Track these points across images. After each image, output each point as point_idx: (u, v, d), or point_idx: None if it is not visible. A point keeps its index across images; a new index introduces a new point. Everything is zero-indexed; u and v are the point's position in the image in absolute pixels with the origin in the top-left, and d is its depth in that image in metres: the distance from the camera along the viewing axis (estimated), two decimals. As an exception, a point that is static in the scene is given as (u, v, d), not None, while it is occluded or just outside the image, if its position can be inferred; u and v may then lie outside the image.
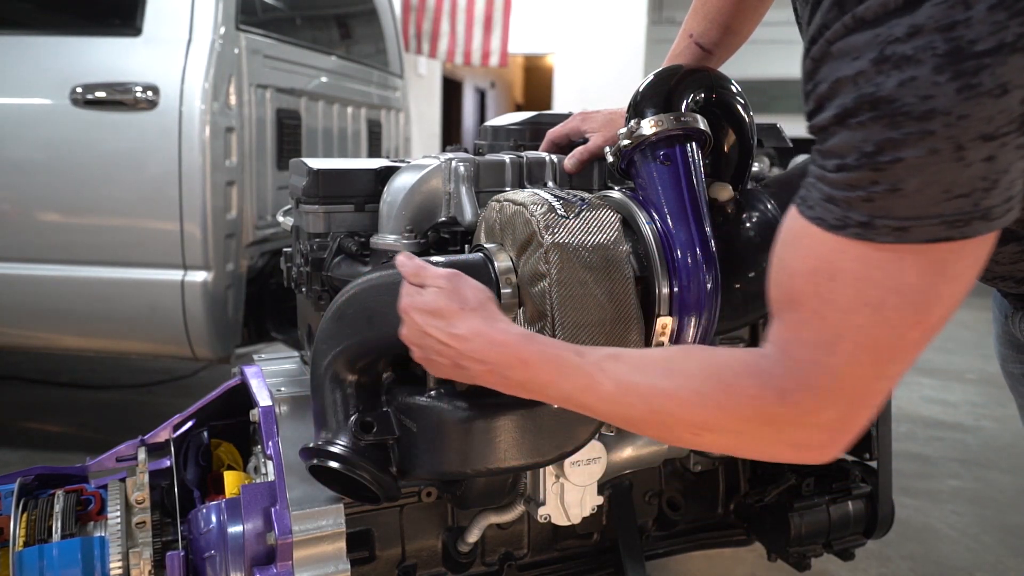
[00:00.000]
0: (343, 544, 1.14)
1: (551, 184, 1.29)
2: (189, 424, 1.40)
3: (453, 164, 1.21)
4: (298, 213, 1.32)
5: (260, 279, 2.51)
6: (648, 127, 1.01)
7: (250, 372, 1.34)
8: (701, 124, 1.03)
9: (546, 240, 0.94)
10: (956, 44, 0.52)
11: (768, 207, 1.05)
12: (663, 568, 2.02)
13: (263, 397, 1.25)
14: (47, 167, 2.25)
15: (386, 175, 1.24)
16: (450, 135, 11.29)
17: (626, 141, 1.03)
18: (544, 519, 1.25)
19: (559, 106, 9.20)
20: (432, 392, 1.03)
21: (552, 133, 1.35)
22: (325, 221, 1.25)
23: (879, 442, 1.53)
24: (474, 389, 0.98)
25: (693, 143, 1.03)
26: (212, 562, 1.13)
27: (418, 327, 0.87)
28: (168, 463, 1.34)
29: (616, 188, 1.10)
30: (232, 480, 1.25)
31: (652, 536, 1.55)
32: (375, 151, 3.41)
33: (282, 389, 1.27)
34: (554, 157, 1.31)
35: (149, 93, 2.19)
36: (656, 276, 0.97)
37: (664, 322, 0.97)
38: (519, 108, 14.33)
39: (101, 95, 2.20)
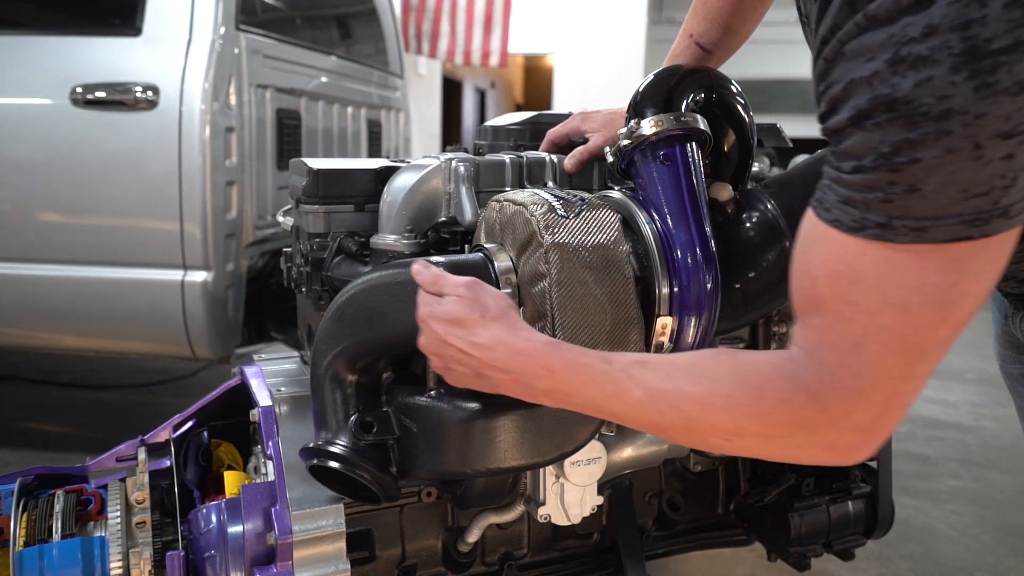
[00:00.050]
0: (343, 544, 1.14)
1: (551, 184, 1.29)
2: (189, 424, 1.40)
3: (453, 164, 1.21)
4: (298, 213, 1.32)
5: (260, 279, 2.51)
6: (648, 127, 1.01)
7: (250, 372, 1.34)
8: (701, 124, 1.03)
9: (546, 240, 0.94)
10: (972, 43, 0.51)
11: (768, 207, 1.05)
12: (663, 568, 2.02)
13: (263, 397, 1.25)
14: (47, 167, 2.25)
15: (386, 175, 1.24)
16: (450, 135, 11.29)
17: (626, 141, 1.03)
18: (544, 519, 1.25)
19: (559, 106, 9.20)
20: (432, 392, 1.03)
21: (552, 133, 1.35)
22: (325, 221, 1.25)
23: (879, 442, 1.53)
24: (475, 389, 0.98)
25: (693, 143, 1.03)
26: (212, 562, 1.13)
27: (438, 337, 0.86)
28: (168, 463, 1.34)
29: (616, 188, 1.10)
30: (232, 480, 1.25)
31: (652, 536, 1.55)
32: (375, 151, 3.41)
33: (282, 389, 1.27)
34: (554, 157, 1.31)
35: (149, 93, 2.19)
36: (656, 276, 0.97)
37: (664, 322, 0.97)
38: (519, 108, 14.33)
39: (101, 95, 2.20)
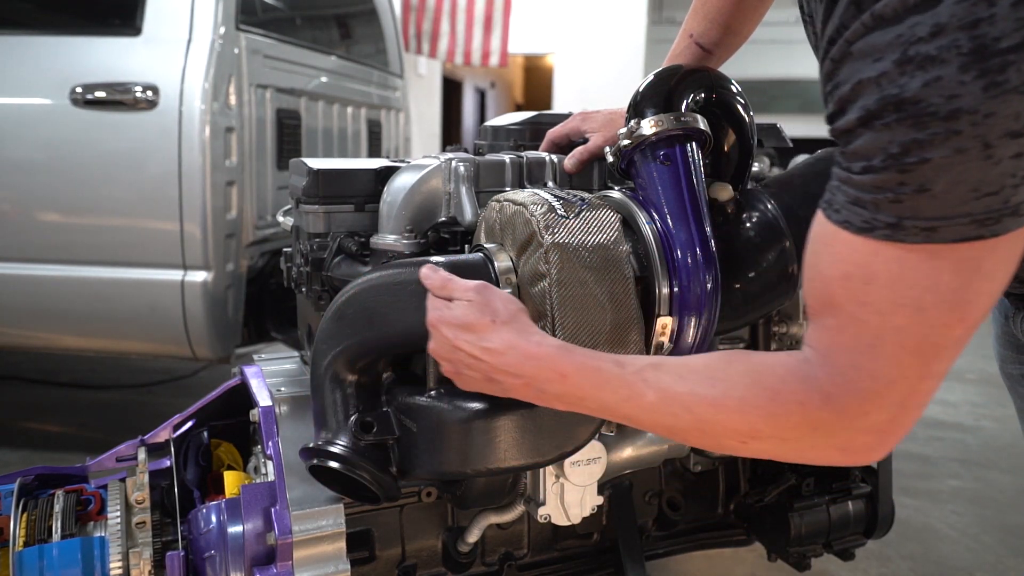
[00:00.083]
0: (343, 544, 1.14)
1: (551, 184, 1.29)
2: (189, 424, 1.40)
3: (453, 164, 1.21)
4: (298, 213, 1.32)
5: (260, 279, 2.51)
6: (648, 127, 1.01)
7: (250, 372, 1.34)
8: (701, 124, 1.03)
9: (546, 240, 0.94)
10: (981, 42, 0.51)
11: (768, 207, 1.05)
12: (663, 568, 2.02)
13: (263, 397, 1.25)
14: (47, 167, 2.25)
15: (386, 175, 1.24)
16: (450, 135, 11.29)
17: (626, 141, 1.03)
18: (544, 519, 1.25)
19: (559, 106, 9.21)
20: (432, 392, 1.03)
21: (552, 133, 1.35)
22: (325, 221, 1.25)
23: (879, 442, 1.53)
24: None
25: (693, 143, 1.03)
26: (212, 562, 1.13)
27: (448, 341, 0.86)
28: (168, 463, 1.34)
29: (616, 188, 1.10)
30: (232, 480, 1.25)
31: (652, 536, 1.55)
32: (375, 151, 3.41)
33: (282, 389, 1.27)
34: (554, 157, 1.31)
35: (149, 93, 2.19)
36: (656, 276, 0.97)
37: (664, 322, 0.97)
38: (519, 108, 14.34)
39: (101, 95, 2.20)
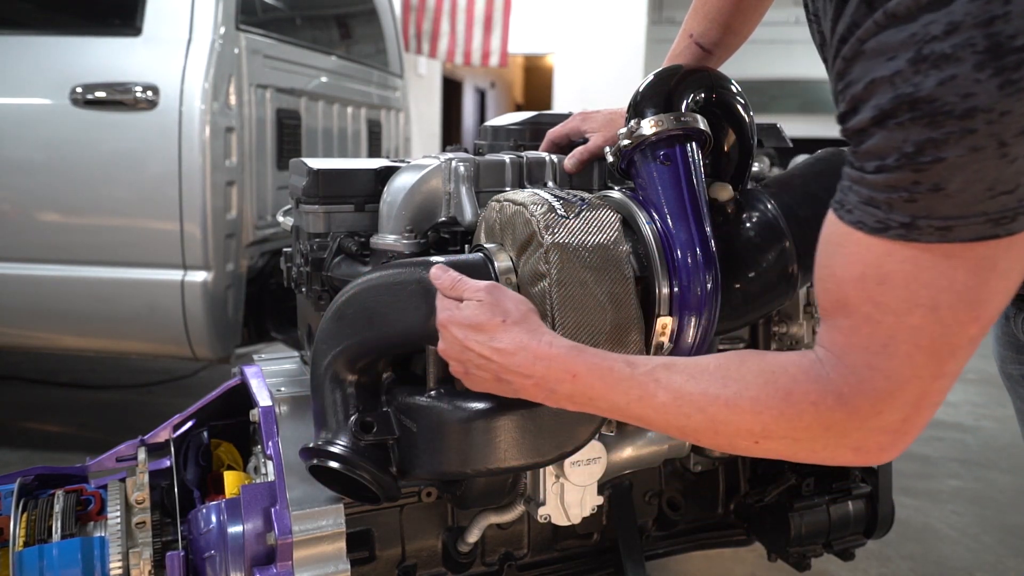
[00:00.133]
0: (343, 544, 1.14)
1: (551, 184, 1.29)
2: (189, 424, 1.40)
3: (453, 164, 1.21)
4: (298, 213, 1.32)
5: (260, 279, 2.51)
6: (648, 127, 1.01)
7: (250, 372, 1.34)
8: (701, 124, 1.03)
9: (546, 240, 0.94)
10: (996, 40, 0.51)
11: (768, 207, 1.05)
12: (663, 568, 2.02)
13: (263, 397, 1.25)
14: (47, 167, 2.25)
15: (386, 175, 1.24)
16: (450, 135, 11.30)
17: (626, 141, 1.03)
18: (544, 519, 1.25)
19: (559, 106, 9.21)
20: (432, 392, 1.03)
21: (552, 133, 1.35)
22: (325, 221, 1.25)
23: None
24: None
25: (693, 143, 1.03)
26: (212, 562, 1.13)
27: (458, 342, 0.86)
28: (168, 463, 1.34)
29: (616, 188, 1.10)
30: (232, 480, 1.25)
31: (652, 536, 1.55)
32: (375, 151, 3.41)
33: (282, 389, 1.27)
34: (554, 157, 1.31)
35: (149, 93, 2.19)
36: (656, 276, 0.97)
37: (664, 322, 0.97)
38: (519, 108, 14.34)
39: (101, 95, 2.20)
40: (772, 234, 1.03)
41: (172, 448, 1.34)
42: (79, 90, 2.20)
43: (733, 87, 1.09)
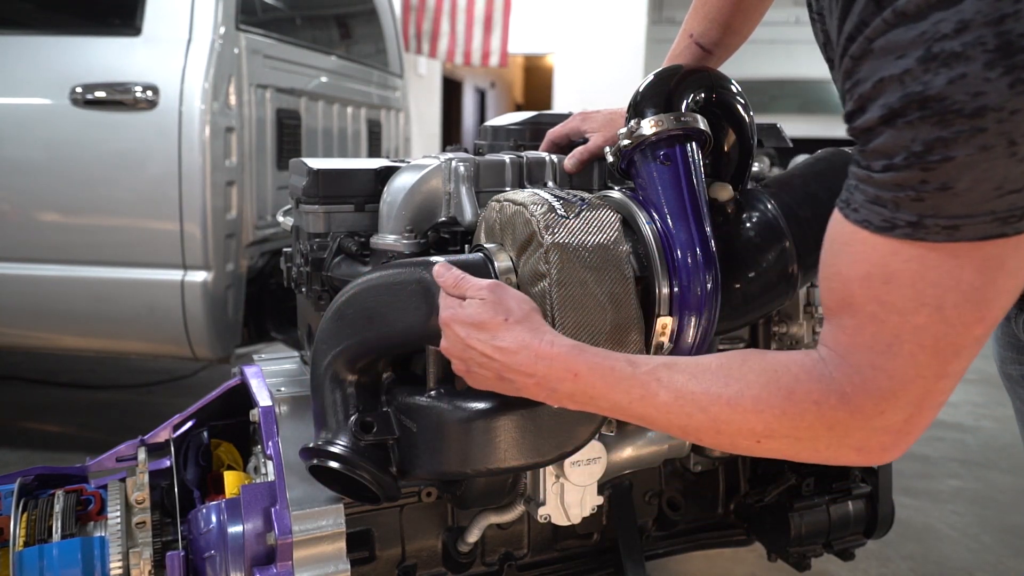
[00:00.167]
0: (343, 544, 1.14)
1: (551, 184, 1.29)
2: (189, 424, 1.40)
3: (453, 164, 1.21)
4: (298, 213, 1.32)
5: (260, 279, 2.51)
6: (648, 127, 1.01)
7: (250, 372, 1.34)
8: (701, 124, 1.03)
9: (546, 240, 0.94)
10: (1006, 38, 0.51)
11: (768, 207, 1.05)
12: (663, 568, 2.02)
13: (263, 397, 1.25)
14: (47, 167, 2.25)
15: (386, 175, 1.24)
16: (450, 135, 11.30)
17: (626, 141, 1.03)
18: (544, 519, 1.25)
19: (559, 106, 9.21)
20: (432, 392, 1.03)
21: (552, 133, 1.35)
22: (325, 221, 1.25)
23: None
24: (474, 389, 0.98)
25: (693, 143, 1.03)
26: (212, 562, 1.13)
27: (460, 340, 0.86)
28: (168, 463, 1.34)
29: (616, 188, 1.10)
30: (232, 480, 1.25)
31: (652, 536, 1.55)
32: (375, 151, 3.41)
33: (282, 389, 1.27)
34: (554, 157, 1.31)
35: (149, 93, 2.19)
36: (656, 276, 0.97)
37: (664, 322, 0.97)
38: (519, 108, 14.34)
39: (101, 95, 2.20)
40: (772, 234, 1.03)
41: (172, 448, 1.34)
42: (79, 90, 2.20)
43: (733, 87, 1.09)
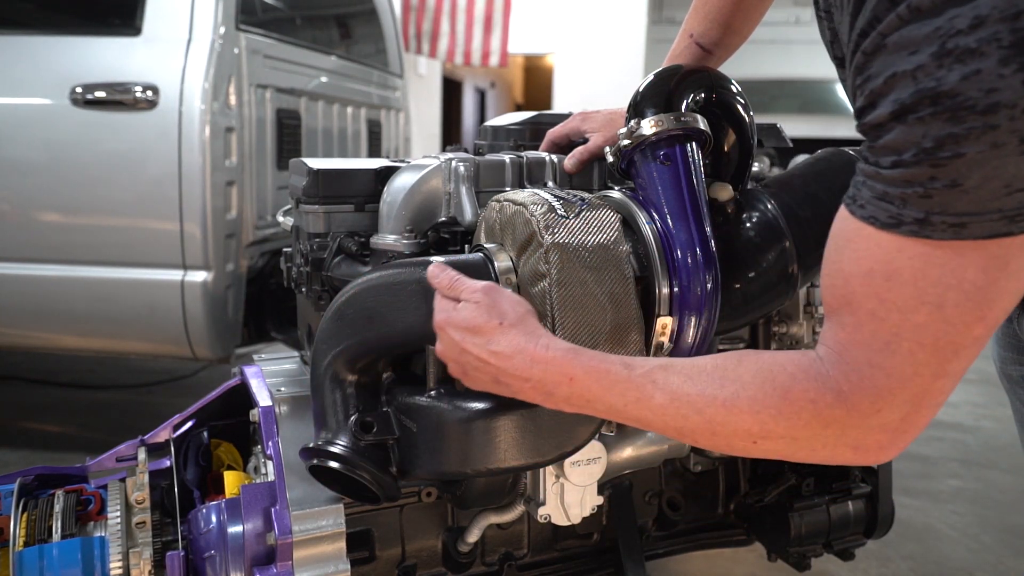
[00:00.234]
0: (343, 544, 1.14)
1: (551, 184, 1.29)
2: (189, 424, 1.40)
3: (453, 164, 1.21)
4: (298, 213, 1.32)
5: (260, 279, 2.51)
6: (648, 127, 1.01)
7: (250, 372, 1.34)
8: (701, 124, 1.03)
9: (546, 240, 0.94)
10: (1022, 35, 0.51)
11: (768, 207, 1.05)
12: (663, 568, 2.02)
13: (263, 397, 1.25)
14: (47, 167, 2.25)
15: (386, 175, 1.24)
16: (450, 135, 11.30)
17: (626, 141, 1.03)
18: (544, 519, 1.25)
19: (559, 106, 9.21)
20: (432, 392, 1.03)
21: (552, 133, 1.35)
22: (325, 221, 1.25)
23: (879, 442, 1.53)
24: (475, 389, 0.98)
25: (693, 143, 1.03)
26: (212, 562, 1.13)
27: (456, 344, 0.85)
28: (168, 463, 1.34)
29: (616, 188, 1.10)
30: (232, 480, 1.25)
31: (652, 536, 1.55)
32: (375, 151, 3.41)
33: (282, 389, 1.27)
34: (554, 157, 1.31)
35: (149, 93, 2.19)
36: (656, 276, 0.97)
37: (664, 322, 0.97)
38: (519, 108, 14.34)
39: (101, 95, 2.20)
40: (772, 234, 1.03)
41: (172, 448, 1.34)
42: (79, 90, 2.20)
43: (733, 87, 1.09)
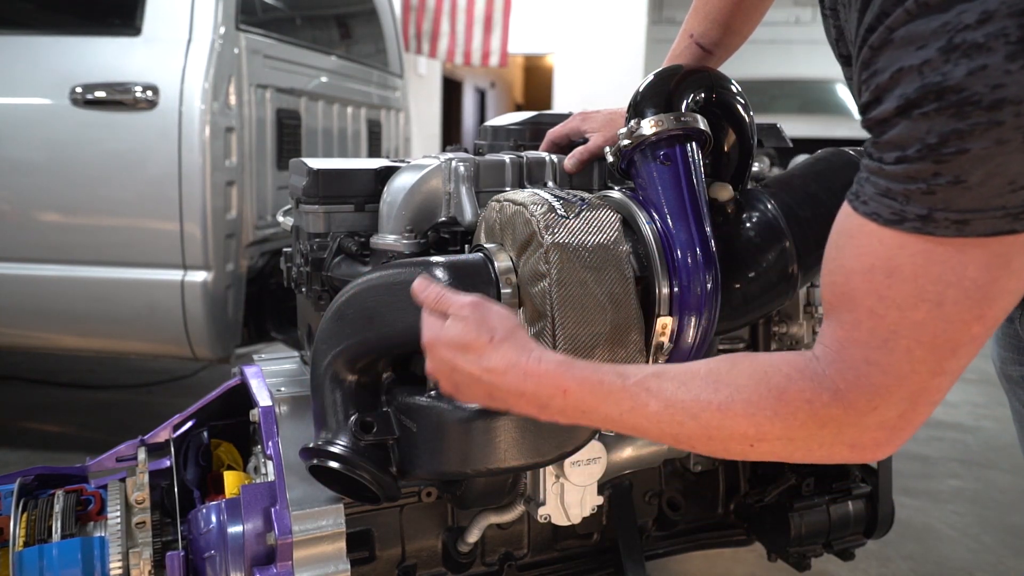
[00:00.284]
0: (343, 544, 1.14)
1: (551, 184, 1.29)
2: (189, 424, 1.40)
3: (453, 164, 1.21)
4: (298, 213, 1.32)
5: (260, 279, 2.51)
6: (648, 127, 1.01)
7: (250, 372, 1.34)
8: (701, 124, 1.03)
9: (546, 240, 0.94)
10: None
11: (768, 207, 1.05)
12: (663, 568, 2.02)
13: (263, 397, 1.25)
14: (47, 167, 2.25)
15: (386, 175, 1.24)
16: (450, 135, 11.30)
17: (626, 141, 1.03)
18: (544, 519, 1.25)
19: (559, 106, 9.21)
20: (432, 392, 1.03)
21: (552, 133, 1.35)
22: (325, 221, 1.25)
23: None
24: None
25: (693, 143, 1.03)
26: (212, 562, 1.13)
27: (446, 363, 0.84)
28: (168, 463, 1.34)
29: (616, 188, 1.10)
30: (232, 480, 1.25)
31: (652, 536, 1.55)
32: (375, 151, 3.41)
33: (282, 389, 1.27)
34: (554, 157, 1.31)
35: (149, 93, 2.19)
36: (656, 276, 0.97)
37: (664, 322, 0.97)
38: (519, 108, 14.34)
39: (101, 95, 2.20)
40: (772, 234, 1.03)
41: (172, 448, 1.34)
42: (79, 90, 2.20)
43: (733, 87, 1.09)
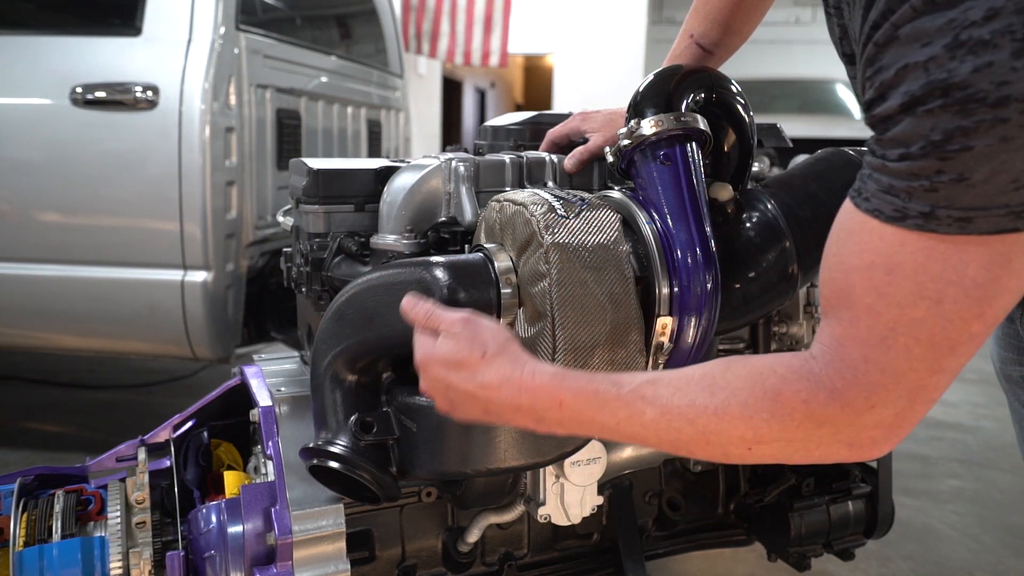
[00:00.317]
0: (343, 544, 1.14)
1: (551, 184, 1.29)
2: (189, 424, 1.40)
3: (453, 164, 1.21)
4: (298, 213, 1.32)
5: (260, 279, 2.51)
6: (648, 127, 1.01)
7: (250, 372, 1.34)
8: (701, 124, 1.03)
9: (546, 240, 0.94)
10: None
11: (768, 207, 1.05)
12: (663, 568, 2.02)
13: (263, 397, 1.25)
14: (47, 167, 2.25)
15: (386, 175, 1.24)
16: (450, 135, 11.30)
17: (626, 141, 1.03)
18: (544, 519, 1.25)
19: (559, 106, 9.21)
20: (432, 392, 1.03)
21: (552, 133, 1.35)
22: (325, 221, 1.25)
23: (879, 442, 1.53)
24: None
25: (693, 143, 1.03)
26: (212, 562, 1.13)
27: (441, 381, 0.83)
28: (168, 463, 1.34)
29: (616, 188, 1.10)
30: (232, 480, 1.25)
31: (652, 536, 1.55)
32: (375, 151, 3.41)
33: (282, 389, 1.27)
34: (554, 157, 1.31)
35: (149, 93, 2.19)
36: (656, 276, 0.97)
37: (664, 322, 0.97)
38: (519, 108, 14.34)
39: (101, 95, 2.20)
40: (772, 234, 1.03)
41: (172, 448, 1.34)
42: (79, 90, 2.20)
43: (733, 87, 1.09)
